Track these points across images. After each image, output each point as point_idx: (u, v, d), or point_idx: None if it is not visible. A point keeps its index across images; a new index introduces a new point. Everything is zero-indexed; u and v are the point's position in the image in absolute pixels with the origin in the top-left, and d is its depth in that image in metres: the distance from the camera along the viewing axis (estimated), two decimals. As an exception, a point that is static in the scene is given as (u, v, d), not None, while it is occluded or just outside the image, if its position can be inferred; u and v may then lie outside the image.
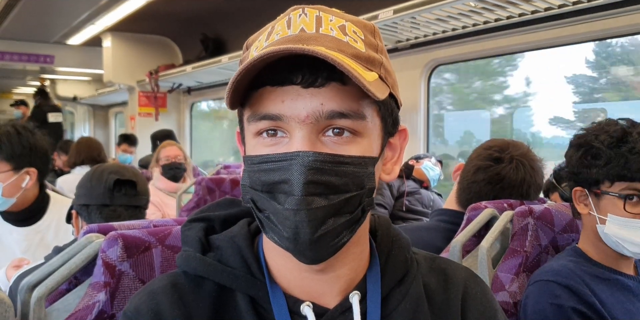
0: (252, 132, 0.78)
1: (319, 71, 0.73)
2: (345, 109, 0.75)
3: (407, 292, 0.87)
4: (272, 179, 0.74)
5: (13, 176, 2.16)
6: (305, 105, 0.74)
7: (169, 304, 0.82)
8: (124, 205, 1.86)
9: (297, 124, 0.74)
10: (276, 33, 0.78)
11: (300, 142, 0.74)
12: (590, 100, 4.20)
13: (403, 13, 3.28)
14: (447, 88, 5.01)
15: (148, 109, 7.39)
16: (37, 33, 7.53)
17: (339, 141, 0.76)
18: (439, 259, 0.97)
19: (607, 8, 2.85)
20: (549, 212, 1.61)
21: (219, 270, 0.84)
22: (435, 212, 2.03)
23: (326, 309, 0.83)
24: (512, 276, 1.51)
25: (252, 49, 0.81)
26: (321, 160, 0.73)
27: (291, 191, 0.72)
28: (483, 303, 0.92)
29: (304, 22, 0.78)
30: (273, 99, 0.75)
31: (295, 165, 0.72)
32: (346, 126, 0.75)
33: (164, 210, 3.83)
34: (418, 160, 3.65)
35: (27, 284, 1.17)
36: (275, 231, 0.75)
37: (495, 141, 1.90)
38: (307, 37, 0.76)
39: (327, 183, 0.73)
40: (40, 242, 2.29)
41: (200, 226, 0.91)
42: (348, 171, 0.75)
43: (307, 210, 0.72)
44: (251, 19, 5.55)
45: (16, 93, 12.72)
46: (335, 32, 0.78)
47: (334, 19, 0.80)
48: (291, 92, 0.74)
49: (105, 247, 1.12)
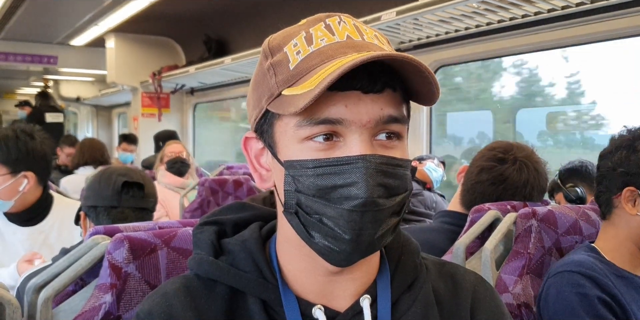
0: (300, 137, 0.78)
1: (377, 77, 0.76)
2: (399, 114, 0.79)
3: (417, 297, 0.88)
4: (333, 182, 0.75)
5: (10, 180, 2.17)
6: (367, 110, 0.76)
7: (182, 306, 0.83)
8: (132, 207, 1.87)
9: (357, 129, 0.76)
10: (319, 38, 0.79)
11: (362, 145, 0.76)
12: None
13: (406, 14, 3.28)
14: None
15: (151, 109, 7.40)
16: (40, 34, 7.55)
17: (388, 144, 0.79)
18: (448, 264, 0.98)
19: (611, 9, 2.85)
20: (552, 214, 1.62)
21: (231, 273, 0.85)
22: (439, 214, 2.03)
23: (337, 312, 0.84)
24: (516, 278, 1.52)
25: (290, 53, 0.80)
26: (385, 162, 0.76)
27: (358, 194, 0.74)
28: (491, 308, 0.93)
29: (346, 30, 0.80)
30: (334, 104, 0.75)
31: (362, 168, 0.74)
32: (396, 130, 0.79)
33: (168, 207, 3.85)
34: (421, 162, 3.65)
35: (34, 285, 1.18)
36: (329, 234, 0.76)
37: (500, 143, 1.91)
38: (360, 45, 0.78)
39: (387, 185, 0.76)
40: (44, 242, 2.31)
41: (212, 229, 0.92)
42: (401, 173, 0.78)
43: (374, 212, 0.74)
44: (254, 20, 5.56)
45: (20, 94, 12.74)
46: (376, 40, 0.81)
47: (367, 28, 0.82)
48: (353, 97, 0.76)
49: (112, 249, 1.12)
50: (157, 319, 0.82)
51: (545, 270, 1.57)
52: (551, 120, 4.58)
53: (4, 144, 2.16)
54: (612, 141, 1.51)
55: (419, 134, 4.11)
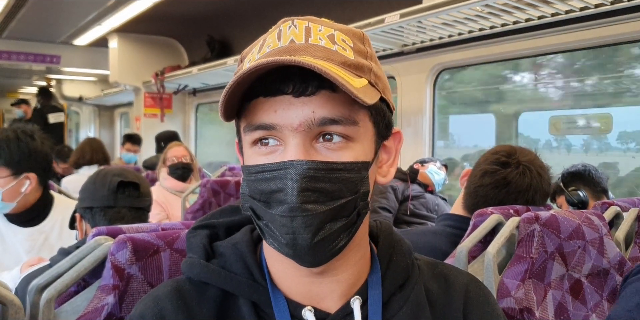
0: (248, 142, 0.81)
1: (309, 80, 0.75)
2: (337, 115, 0.77)
3: (408, 298, 0.88)
4: (269, 187, 0.76)
5: (12, 181, 2.17)
6: (297, 114, 0.76)
7: (173, 309, 0.84)
8: (128, 207, 1.87)
9: (290, 133, 0.76)
10: (267, 45, 0.81)
11: (294, 150, 0.76)
12: None
13: (409, 17, 3.28)
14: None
15: (153, 110, 7.40)
16: (43, 33, 7.55)
17: (331, 147, 0.78)
18: (441, 264, 0.99)
19: (614, 14, 2.86)
20: (555, 219, 1.61)
21: (222, 276, 0.86)
22: (442, 217, 2.03)
23: (327, 313, 0.85)
24: (518, 282, 1.51)
25: (245, 62, 0.83)
26: (314, 168, 0.75)
27: (286, 199, 0.74)
28: (484, 308, 0.93)
29: (293, 34, 0.80)
30: (266, 109, 0.77)
31: (289, 174, 0.75)
32: (338, 132, 0.78)
33: (169, 210, 3.84)
34: (423, 164, 3.65)
35: (36, 286, 1.18)
36: (274, 238, 0.78)
37: (504, 146, 1.91)
38: (297, 48, 0.78)
39: (321, 190, 0.75)
40: (44, 243, 2.31)
41: (204, 233, 0.93)
42: (341, 177, 0.77)
43: (303, 217, 0.74)
44: (257, 21, 5.56)
45: (22, 93, 12.75)
46: (324, 41, 0.80)
47: (323, 28, 0.82)
48: (283, 101, 0.76)
49: (114, 250, 1.12)
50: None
51: (547, 274, 1.56)
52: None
53: (6, 146, 2.17)
54: None
55: (422, 137, 4.11)
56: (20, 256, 2.24)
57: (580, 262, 1.61)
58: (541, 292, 1.54)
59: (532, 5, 2.90)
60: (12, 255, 2.23)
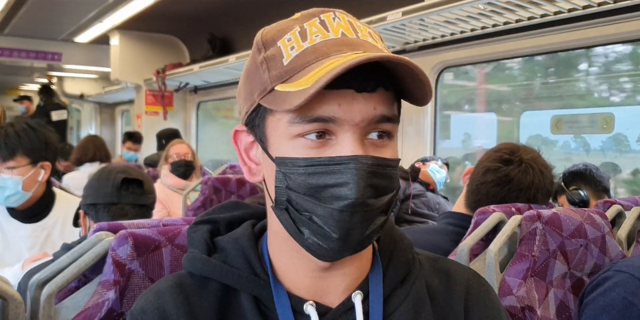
0: (292, 134, 0.77)
1: (371, 77, 0.76)
2: (392, 114, 0.79)
3: (409, 292, 0.88)
4: (325, 182, 0.75)
5: (31, 170, 2.21)
6: (360, 109, 0.76)
7: (174, 303, 0.83)
8: (131, 204, 1.88)
9: (350, 127, 0.76)
10: (313, 34, 0.78)
11: (353, 145, 0.76)
12: None
13: (412, 15, 3.28)
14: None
15: (155, 107, 7.41)
16: (45, 30, 7.55)
17: (379, 143, 0.79)
18: (442, 259, 0.98)
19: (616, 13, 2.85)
20: (557, 217, 1.61)
21: (223, 270, 0.85)
22: (443, 215, 2.03)
23: (329, 308, 0.85)
24: (520, 281, 1.51)
25: (284, 48, 0.79)
26: (377, 164, 0.76)
27: (348, 195, 0.74)
28: (486, 303, 0.93)
29: (341, 26, 0.80)
30: (327, 102, 0.75)
31: (354, 169, 0.74)
32: (388, 129, 0.79)
33: (170, 207, 3.84)
34: (424, 163, 3.65)
35: (37, 281, 1.17)
36: (319, 232, 0.76)
37: (506, 144, 1.91)
38: (355, 43, 0.78)
39: (377, 185, 0.76)
40: (47, 239, 2.31)
41: (205, 228, 0.93)
42: (390, 173, 0.79)
43: (364, 212, 0.75)
44: (258, 19, 5.55)
45: (23, 90, 12.76)
46: (370, 38, 0.81)
47: (361, 25, 0.82)
48: (346, 95, 0.75)
49: (115, 245, 1.12)
50: (150, 317, 0.83)
51: (549, 273, 1.56)
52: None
53: (25, 135, 2.21)
54: None
55: (423, 135, 4.10)
56: (22, 252, 2.24)
57: (583, 260, 1.61)
58: (543, 290, 1.53)
59: (535, 3, 2.90)
60: (14, 251, 2.24)
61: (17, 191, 2.16)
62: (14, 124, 2.23)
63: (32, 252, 2.24)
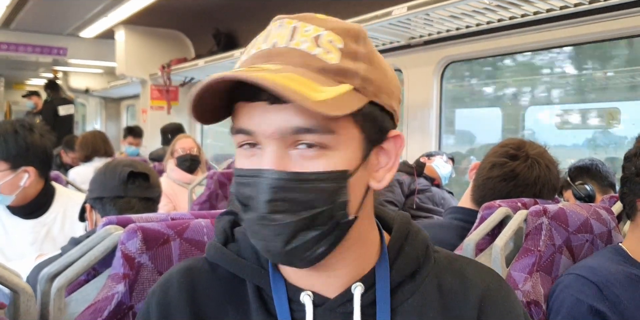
0: (236, 143, 0.81)
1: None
2: (311, 125, 0.74)
3: (418, 288, 0.87)
4: (245, 192, 0.77)
5: (10, 175, 2.16)
6: (271, 122, 0.75)
7: (178, 285, 0.88)
8: (138, 197, 1.89)
9: (265, 139, 0.76)
10: (253, 46, 0.81)
11: (268, 157, 0.75)
12: None
13: (417, 10, 3.28)
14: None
15: (160, 102, 7.42)
16: (50, 25, 7.57)
17: (307, 155, 0.75)
18: (462, 259, 0.96)
19: (624, 7, 2.84)
20: (563, 212, 1.61)
21: (230, 259, 0.88)
22: (449, 210, 2.03)
23: (327, 298, 0.85)
24: (526, 275, 1.52)
25: (238, 61, 0.84)
26: (285, 178, 0.74)
27: (257, 208, 0.75)
28: (506, 308, 0.89)
29: (278, 36, 0.79)
30: (245, 114, 0.77)
31: (259, 183, 0.75)
32: (313, 141, 0.75)
33: (176, 201, 3.86)
34: (430, 158, 3.64)
35: (47, 274, 1.18)
36: (254, 240, 0.80)
37: (513, 140, 1.91)
38: (276, 53, 0.77)
39: (292, 200, 0.74)
40: (47, 235, 2.31)
41: (227, 219, 0.95)
42: (314, 188, 0.75)
43: (273, 226, 0.75)
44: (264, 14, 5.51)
45: (29, 85, 12.79)
46: (307, 44, 0.77)
47: (312, 28, 0.79)
48: (259, 108, 0.75)
49: (125, 239, 1.13)
50: (156, 299, 0.88)
51: (555, 268, 1.57)
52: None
53: (3, 140, 2.15)
54: (638, 142, 1.51)
55: (428, 130, 4.10)
56: (25, 248, 2.24)
57: (588, 255, 1.61)
58: (549, 285, 1.54)
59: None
60: (17, 247, 2.24)
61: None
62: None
63: (34, 248, 2.24)
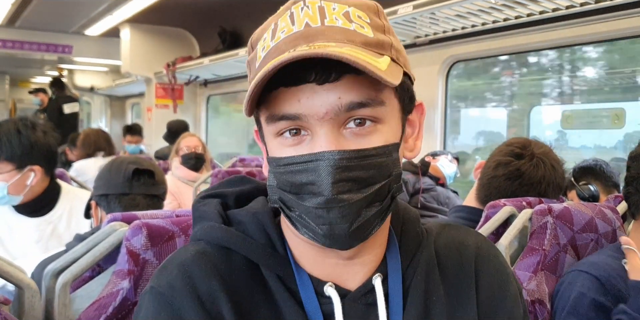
0: (272, 133, 0.78)
1: (332, 66, 0.72)
2: (364, 98, 0.74)
3: (419, 263, 0.88)
4: (300, 180, 0.74)
5: (17, 175, 2.17)
6: (323, 102, 0.73)
7: (204, 274, 0.80)
8: (143, 194, 1.89)
9: (317, 122, 0.74)
10: (281, 30, 0.77)
11: (324, 140, 0.73)
12: None
13: (422, 9, 3.27)
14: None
15: (165, 100, 7.42)
16: (56, 23, 7.58)
17: (361, 132, 0.75)
18: (449, 226, 0.98)
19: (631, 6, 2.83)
20: (568, 211, 1.61)
21: (246, 242, 0.83)
22: (454, 209, 2.03)
23: (348, 290, 0.84)
24: (530, 274, 1.51)
25: (259, 50, 0.79)
26: (347, 157, 0.73)
27: (321, 191, 0.72)
28: (496, 266, 0.92)
29: (307, 16, 0.76)
30: (289, 99, 0.74)
31: (321, 166, 0.72)
32: (367, 115, 0.75)
33: (181, 199, 3.86)
34: (434, 157, 3.64)
35: (52, 270, 1.19)
36: (309, 228, 0.76)
37: (518, 139, 1.91)
38: (314, 33, 0.75)
39: (355, 178, 0.73)
40: (53, 233, 2.30)
41: (216, 201, 0.91)
42: (374, 163, 0.75)
43: (340, 208, 0.72)
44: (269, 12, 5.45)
45: (34, 82, 12.82)
46: (340, 21, 0.76)
47: (337, 6, 0.78)
48: (306, 90, 0.73)
49: (130, 235, 1.13)
50: (183, 293, 0.78)
51: (560, 267, 1.56)
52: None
53: (7, 140, 2.15)
54: None
55: (433, 129, 4.10)
56: (29, 247, 2.24)
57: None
58: (553, 284, 1.53)
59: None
60: (21, 245, 2.23)
61: (2, 196, 2.15)
62: (1, 127, 2.19)
63: (39, 246, 2.24)
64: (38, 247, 2.24)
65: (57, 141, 2.35)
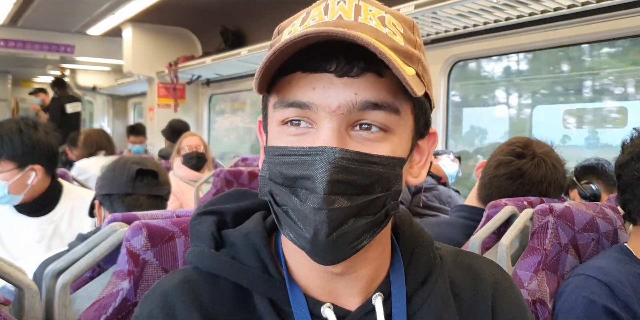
0: (277, 120, 0.75)
1: (355, 60, 0.69)
2: (380, 101, 0.71)
3: (432, 291, 0.84)
4: (294, 173, 0.70)
5: (18, 174, 2.17)
6: (338, 95, 0.70)
7: (185, 306, 0.77)
8: (146, 195, 1.89)
9: (326, 115, 0.70)
10: (312, 18, 0.74)
11: (328, 135, 0.70)
12: None
13: (424, 8, 3.26)
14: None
15: (167, 100, 7.42)
16: (57, 23, 7.58)
17: (368, 137, 0.72)
18: (463, 253, 0.94)
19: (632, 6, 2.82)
20: (569, 211, 1.61)
21: (235, 268, 0.80)
22: (455, 208, 2.03)
23: (347, 310, 0.80)
24: (531, 274, 1.51)
25: (284, 34, 0.76)
26: (348, 158, 0.69)
27: (314, 188, 0.68)
28: (512, 300, 0.90)
29: (342, 10, 0.73)
30: (303, 86, 0.71)
31: (320, 161, 0.68)
32: (378, 120, 0.71)
33: (183, 199, 3.86)
34: (436, 156, 3.63)
35: (52, 271, 1.19)
36: (293, 228, 0.72)
37: (520, 138, 1.90)
38: (345, 24, 0.71)
39: (351, 182, 0.69)
40: (55, 232, 2.30)
41: (211, 220, 0.87)
42: (375, 171, 0.71)
43: (329, 210, 0.68)
44: (271, 11, 5.55)
45: (36, 82, 12.84)
46: (374, 22, 0.73)
47: (374, 9, 0.75)
48: (324, 79, 0.70)
49: (130, 236, 1.13)
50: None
51: (561, 266, 1.56)
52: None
53: (8, 139, 2.16)
54: (628, 148, 1.50)
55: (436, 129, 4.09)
56: (31, 246, 2.24)
57: (594, 254, 1.61)
58: (554, 284, 1.53)
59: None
60: (23, 245, 2.23)
61: (3, 195, 2.16)
62: (3, 126, 2.19)
63: (41, 246, 2.24)
64: (40, 246, 2.24)
65: (58, 141, 2.35)
